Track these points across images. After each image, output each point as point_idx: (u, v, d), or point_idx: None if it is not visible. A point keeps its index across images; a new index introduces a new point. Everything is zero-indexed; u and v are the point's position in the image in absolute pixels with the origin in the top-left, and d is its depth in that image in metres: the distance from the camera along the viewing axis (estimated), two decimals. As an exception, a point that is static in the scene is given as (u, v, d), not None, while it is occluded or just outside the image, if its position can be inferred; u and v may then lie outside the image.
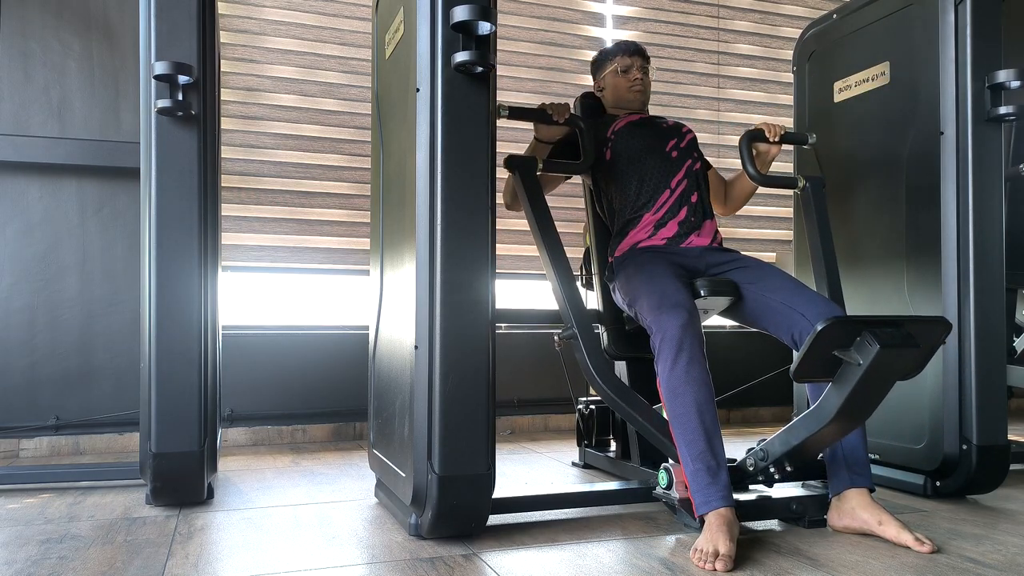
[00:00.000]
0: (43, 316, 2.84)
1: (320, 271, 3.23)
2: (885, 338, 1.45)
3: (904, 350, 1.46)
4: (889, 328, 1.48)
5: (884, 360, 1.46)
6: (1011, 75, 2.00)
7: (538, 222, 1.99)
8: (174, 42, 1.95)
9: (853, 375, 1.50)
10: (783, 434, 1.69)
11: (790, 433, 1.67)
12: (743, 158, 2.12)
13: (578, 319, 1.92)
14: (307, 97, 3.22)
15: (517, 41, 3.52)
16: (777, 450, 1.72)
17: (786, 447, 1.69)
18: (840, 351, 1.50)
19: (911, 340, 1.47)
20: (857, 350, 1.48)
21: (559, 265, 1.96)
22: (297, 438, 3.11)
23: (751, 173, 2.12)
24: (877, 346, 1.44)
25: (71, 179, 2.89)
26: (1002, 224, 2.07)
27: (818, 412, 1.59)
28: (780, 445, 1.71)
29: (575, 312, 1.92)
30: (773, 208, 3.90)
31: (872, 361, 1.45)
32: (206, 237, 1.97)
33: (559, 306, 1.97)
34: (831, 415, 1.55)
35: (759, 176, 2.12)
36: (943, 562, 1.54)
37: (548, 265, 1.97)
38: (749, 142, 2.12)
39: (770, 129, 2.11)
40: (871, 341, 1.45)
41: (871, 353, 1.45)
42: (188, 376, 1.92)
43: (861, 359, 1.47)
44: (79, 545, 1.65)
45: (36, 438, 2.81)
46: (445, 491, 1.59)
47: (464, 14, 1.54)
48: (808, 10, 4.03)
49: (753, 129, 2.13)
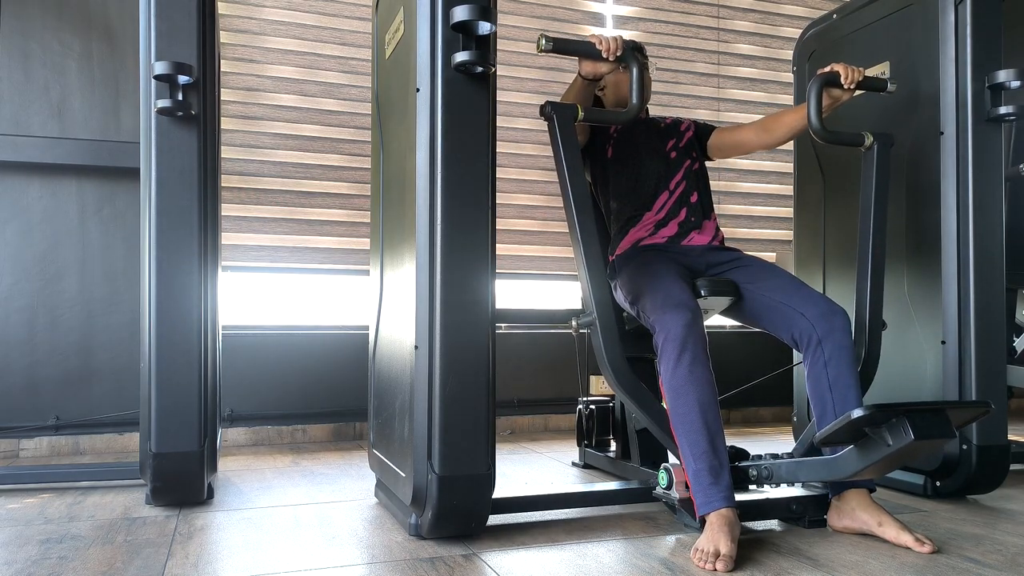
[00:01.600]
0: (43, 316, 2.84)
1: (320, 271, 3.23)
2: (922, 430, 1.37)
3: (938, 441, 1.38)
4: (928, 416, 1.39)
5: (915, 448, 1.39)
6: (1011, 75, 2.00)
7: (571, 183, 1.76)
8: (174, 42, 1.95)
9: (879, 451, 1.43)
10: (793, 466, 1.68)
11: (800, 469, 1.66)
12: (810, 107, 1.86)
13: (600, 306, 1.77)
14: (307, 97, 3.22)
15: (517, 41, 3.52)
16: (783, 477, 1.71)
17: (792, 478, 1.69)
18: (871, 428, 1.43)
19: (948, 430, 1.38)
20: (889, 431, 1.40)
21: (588, 237, 1.75)
22: (297, 438, 3.11)
23: (816, 127, 1.88)
24: (911, 437, 1.36)
25: (71, 179, 2.89)
26: (1002, 224, 2.07)
27: (832, 466, 1.56)
28: (787, 474, 1.70)
29: (598, 297, 1.77)
30: (773, 208, 3.90)
31: (903, 447, 1.38)
32: (206, 237, 1.97)
33: (581, 288, 1.81)
34: (845, 475, 1.52)
35: (825, 132, 1.87)
36: (943, 562, 1.54)
37: (575, 232, 1.77)
38: (821, 87, 1.87)
39: (848, 73, 1.88)
40: (907, 430, 1.37)
41: (904, 441, 1.37)
42: (188, 376, 1.92)
43: (891, 441, 1.40)
44: (79, 545, 1.65)
45: (36, 438, 2.81)
46: (445, 491, 1.59)
47: (464, 14, 1.54)
48: (808, 10, 4.03)
49: (827, 71, 1.89)
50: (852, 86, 1.89)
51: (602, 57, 1.78)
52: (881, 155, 2.00)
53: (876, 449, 1.44)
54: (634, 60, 1.80)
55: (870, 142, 1.99)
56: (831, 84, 1.89)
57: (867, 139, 1.99)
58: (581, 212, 1.77)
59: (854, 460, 1.50)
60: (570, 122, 1.78)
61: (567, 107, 1.78)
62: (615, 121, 1.86)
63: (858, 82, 1.89)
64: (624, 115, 1.83)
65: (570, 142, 1.77)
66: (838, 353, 1.78)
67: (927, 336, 2.14)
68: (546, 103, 1.79)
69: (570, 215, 1.79)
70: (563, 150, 1.77)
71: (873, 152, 2.01)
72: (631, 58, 1.80)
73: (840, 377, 1.77)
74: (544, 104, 1.79)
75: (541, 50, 1.73)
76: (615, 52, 1.78)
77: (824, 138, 1.91)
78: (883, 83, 1.98)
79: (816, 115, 1.87)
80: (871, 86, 1.95)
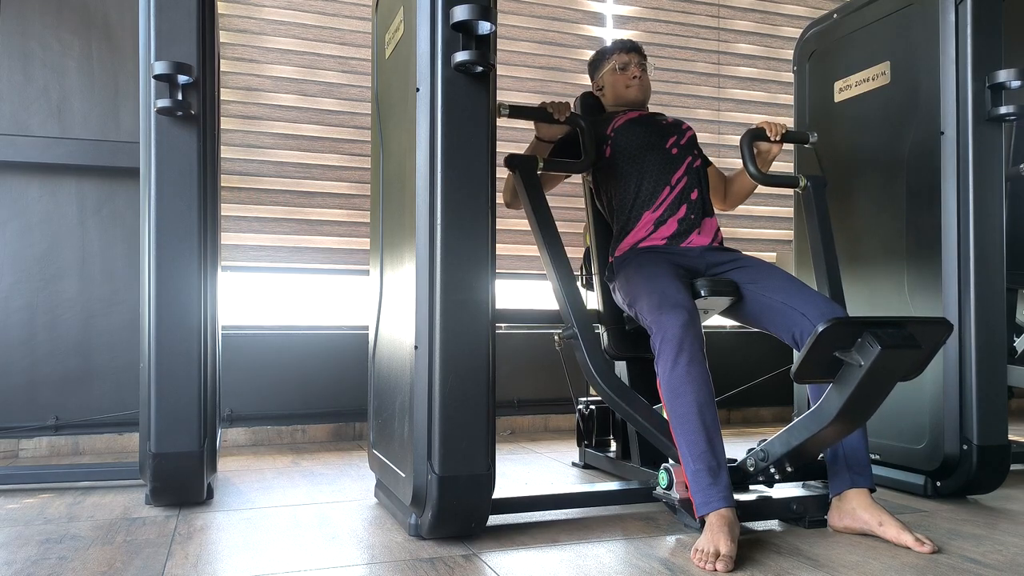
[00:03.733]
0: (43, 316, 2.84)
1: (320, 271, 3.23)
2: (886, 339, 1.44)
3: (905, 351, 1.46)
4: (890, 329, 1.47)
5: (885, 361, 1.45)
6: (1011, 75, 2.00)
7: (539, 221, 1.99)
8: (174, 42, 1.94)
9: (854, 376, 1.50)
10: (784, 435, 1.69)
11: (791, 434, 1.67)
12: (744, 156, 2.12)
13: (578, 319, 1.91)
14: (307, 97, 3.22)
15: (517, 41, 3.52)
16: (778, 451, 1.71)
17: (787, 448, 1.69)
18: (841, 352, 1.50)
19: (912, 341, 1.47)
20: (858, 351, 1.48)
21: (560, 265, 1.96)
22: (297, 438, 3.11)
23: (752, 172, 2.11)
24: (878, 347, 1.43)
25: (71, 179, 2.89)
26: (1002, 224, 2.07)
27: (819, 413, 1.59)
28: (781, 446, 1.71)
29: (575, 312, 1.92)
30: (773, 208, 3.90)
31: (873, 362, 1.45)
32: (206, 237, 1.97)
33: (559, 306, 1.97)
34: (832, 416, 1.55)
35: (760, 175, 2.11)
36: (943, 562, 1.54)
37: (548, 264, 1.96)
38: (750, 140, 2.11)
39: (771, 128, 2.11)
40: (872, 342, 1.44)
41: (872, 354, 1.44)
42: (188, 376, 1.92)
43: (862, 360, 1.47)
44: (79, 545, 1.65)
45: (36, 438, 2.81)
46: (445, 491, 1.59)
47: (464, 14, 1.54)
48: (808, 10, 4.03)
49: (754, 128, 2.13)
50: (777, 138, 2.11)
51: (554, 119, 2.07)
52: (817, 194, 2.18)
53: (851, 375, 1.50)
54: (579, 123, 2.12)
55: (804, 183, 2.18)
56: (758, 137, 2.12)
57: (801, 180, 2.18)
58: (551, 245, 1.98)
59: (835, 396, 1.54)
60: (532, 172, 2.04)
61: (529, 159, 2.04)
62: (571, 170, 2.15)
63: (782, 135, 2.12)
64: (579, 165, 2.13)
65: (533, 188, 2.03)
66: (838, 353, 1.78)
67: (927, 336, 2.14)
68: (509, 156, 2.03)
69: (541, 247, 1.99)
70: (527, 195, 2.01)
71: (810, 191, 2.18)
72: (577, 121, 2.12)
73: (840, 377, 1.77)
74: (507, 157, 2.03)
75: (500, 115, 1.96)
76: (564, 114, 2.09)
77: (761, 181, 2.12)
78: (804, 136, 2.20)
79: (751, 162, 2.12)
80: (793, 139, 2.17)
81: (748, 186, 2.32)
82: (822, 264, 2.11)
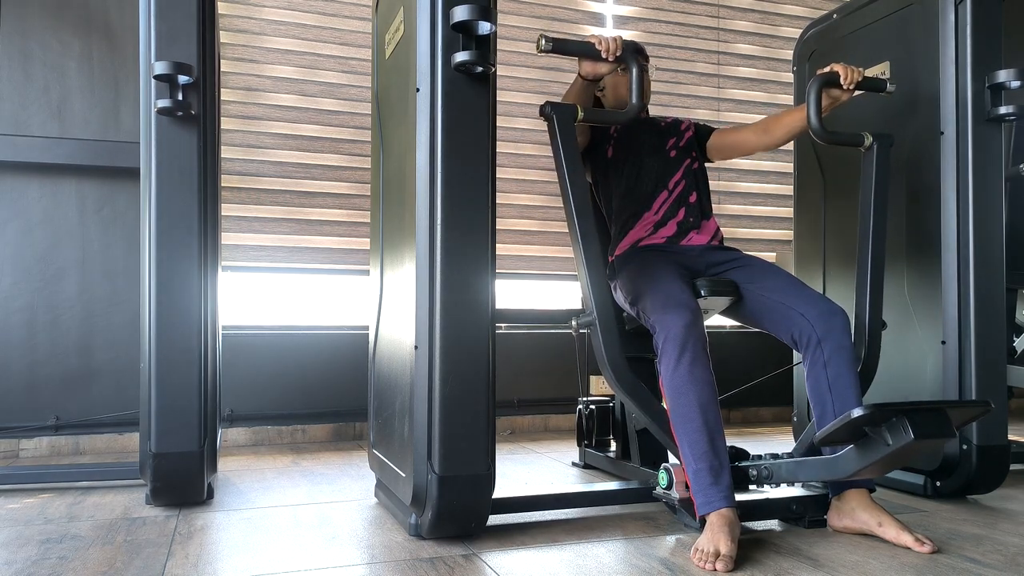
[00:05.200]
0: (43, 316, 2.84)
1: (320, 271, 3.23)
2: (922, 428, 1.37)
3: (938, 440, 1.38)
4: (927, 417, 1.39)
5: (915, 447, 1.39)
6: (1011, 75, 2.00)
7: (571, 182, 1.77)
8: (174, 42, 1.95)
9: (878, 451, 1.43)
10: (793, 465, 1.68)
11: (799, 469, 1.66)
12: (810, 108, 1.88)
13: (600, 306, 1.78)
14: (307, 97, 3.22)
15: (517, 41, 3.52)
16: (783, 477, 1.71)
17: (792, 478, 1.69)
18: (871, 428, 1.44)
19: (948, 429, 1.39)
20: (889, 431, 1.40)
21: (589, 242, 1.77)
22: (297, 438, 3.11)
23: (815, 128, 1.89)
24: (911, 436, 1.36)
25: (71, 179, 2.89)
26: (1002, 224, 2.07)
27: (833, 466, 1.56)
28: (787, 474, 1.70)
29: (598, 298, 1.78)
30: (773, 208, 3.90)
31: (903, 447, 1.39)
32: (206, 237, 1.97)
33: (581, 288, 1.82)
34: (846, 475, 1.52)
35: (824, 132, 1.88)
36: (943, 562, 1.54)
37: (575, 233, 1.78)
38: (820, 88, 1.88)
39: (847, 73, 1.88)
40: (907, 430, 1.37)
41: (904, 440, 1.37)
42: (188, 376, 1.92)
43: (891, 440, 1.40)
44: (79, 545, 1.65)
45: (36, 438, 2.81)
46: (445, 491, 1.59)
47: (464, 14, 1.54)
48: (808, 10, 4.03)
49: (827, 71, 1.89)
50: (851, 86, 1.90)
51: (602, 57, 1.78)
52: (881, 155, 2.00)
53: (876, 448, 1.44)
54: (634, 60, 1.80)
55: (870, 142, 2.00)
56: (830, 84, 1.89)
57: (867, 139, 1.99)
58: (581, 213, 1.78)
59: (854, 459, 1.50)
60: (570, 122, 1.78)
61: (567, 107, 1.78)
62: (615, 121, 1.86)
63: (857, 83, 1.90)
64: (624, 115, 1.83)
65: (570, 142, 1.77)
66: (837, 353, 1.78)
67: (927, 336, 2.14)
68: (546, 103, 1.79)
69: (570, 216, 1.79)
70: (563, 150, 1.78)
71: (873, 152, 2.01)
72: (631, 58, 1.80)
73: (840, 377, 1.77)
74: (544, 104, 1.79)
75: (541, 50, 1.73)
76: (615, 52, 1.78)
77: (824, 139, 1.91)
78: (883, 83, 1.98)
79: (816, 116, 1.88)
80: (871, 86, 1.95)
81: (797, 129, 2.04)
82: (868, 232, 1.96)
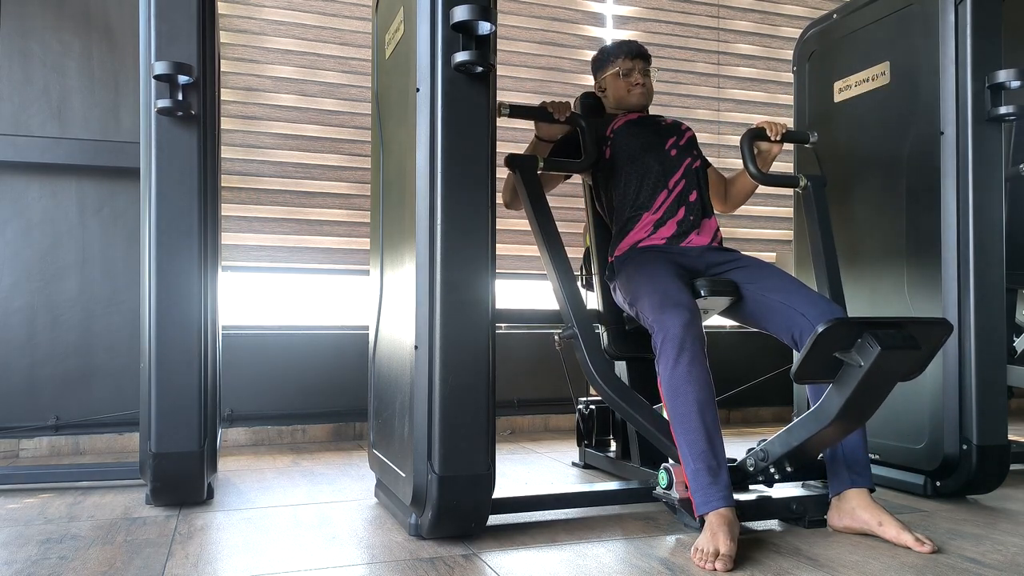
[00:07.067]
0: (43, 316, 2.84)
1: (320, 271, 3.23)
2: (886, 340, 1.44)
3: (905, 352, 1.46)
4: (890, 330, 1.47)
5: (885, 362, 1.46)
6: (1011, 75, 2.00)
7: (539, 221, 1.98)
8: (174, 42, 1.95)
9: (854, 376, 1.50)
10: (783, 435, 1.69)
11: (790, 434, 1.67)
12: (744, 156, 2.12)
13: (578, 319, 1.91)
14: (307, 97, 3.22)
15: (517, 41, 3.52)
16: (777, 451, 1.72)
17: (786, 448, 1.69)
18: (841, 352, 1.50)
19: (912, 342, 1.47)
20: (858, 352, 1.48)
21: (560, 264, 1.96)
22: (297, 438, 3.11)
23: (752, 172, 2.12)
24: (878, 348, 1.43)
25: (71, 179, 2.89)
26: (1002, 224, 2.07)
27: (819, 413, 1.59)
28: (780, 446, 1.71)
29: (575, 312, 1.92)
30: (773, 208, 3.90)
31: (873, 363, 1.45)
32: (206, 237, 1.97)
33: (559, 306, 1.97)
34: (832, 416, 1.55)
35: (760, 175, 2.12)
36: (943, 562, 1.54)
37: (549, 264, 1.96)
38: (751, 140, 2.11)
39: (771, 128, 2.11)
40: (872, 343, 1.44)
41: (872, 355, 1.44)
42: (188, 376, 1.92)
43: (862, 360, 1.47)
44: (79, 545, 1.65)
45: (36, 438, 2.81)
46: (445, 491, 1.59)
47: (464, 14, 1.54)
48: (808, 10, 4.03)
49: (754, 128, 2.13)
50: (777, 137, 2.10)
51: (554, 119, 2.07)
52: (817, 194, 2.17)
53: (851, 375, 1.50)
54: (579, 122, 2.12)
55: (804, 183, 2.18)
56: (759, 137, 2.12)
57: (802, 180, 2.18)
58: (551, 245, 1.97)
59: (835, 396, 1.54)
60: (533, 172, 2.02)
61: (529, 158, 2.03)
62: (571, 170, 2.14)
63: (782, 135, 2.11)
64: (579, 165, 2.12)
65: (533, 188, 2.01)
66: (838, 353, 1.78)
67: (927, 336, 2.14)
68: (508, 156, 2.02)
69: (541, 247, 1.98)
70: (527, 195, 2.00)
71: (810, 191, 2.17)
72: (578, 120, 2.12)
73: (840, 377, 1.77)
74: (507, 157, 2.02)
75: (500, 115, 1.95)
76: (564, 113, 2.09)
77: (761, 181, 2.12)
78: (805, 135, 2.19)
79: (751, 162, 2.12)
80: (794, 138, 2.17)
81: (748, 187, 2.32)
82: (822, 264, 2.11)
